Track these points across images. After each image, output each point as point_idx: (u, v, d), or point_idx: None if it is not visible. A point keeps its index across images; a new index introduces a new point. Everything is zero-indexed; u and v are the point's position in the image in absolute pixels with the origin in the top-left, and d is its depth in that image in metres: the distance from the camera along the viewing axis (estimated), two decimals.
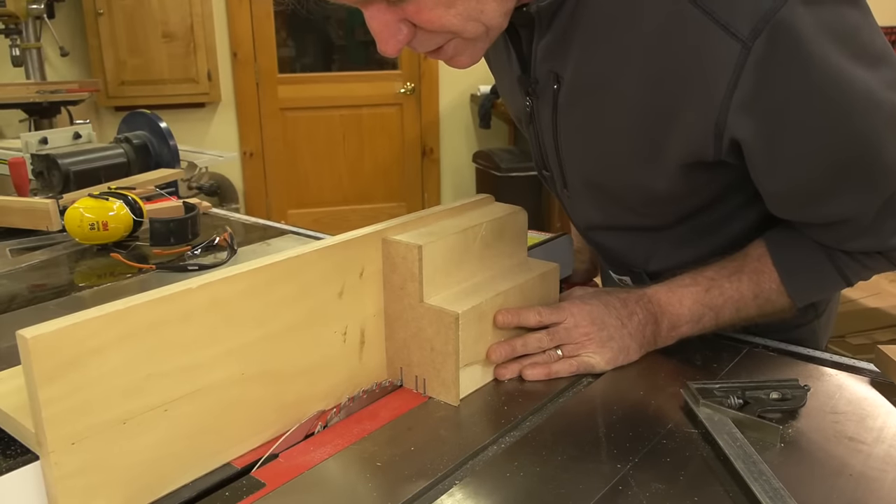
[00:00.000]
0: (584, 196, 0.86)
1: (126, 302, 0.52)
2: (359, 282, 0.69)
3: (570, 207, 0.92)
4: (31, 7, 2.88)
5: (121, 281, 1.05)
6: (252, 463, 0.60)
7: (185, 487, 0.57)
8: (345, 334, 0.69)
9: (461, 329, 0.67)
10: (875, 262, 0.76)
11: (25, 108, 2.71)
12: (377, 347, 0.72)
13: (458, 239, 0.72)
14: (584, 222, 0.92)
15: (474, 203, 0.81)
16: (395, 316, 0.71)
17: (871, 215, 0.70)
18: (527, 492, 0.56)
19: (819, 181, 0.69)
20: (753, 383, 0.68)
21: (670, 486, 0.56)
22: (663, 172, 0.74)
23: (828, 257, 0.75)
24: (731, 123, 0.65)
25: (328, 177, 4.12)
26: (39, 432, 0.49)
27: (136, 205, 1.21)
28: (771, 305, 0.77)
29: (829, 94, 0.63)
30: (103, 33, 3.48)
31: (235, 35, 3.77)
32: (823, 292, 0.78)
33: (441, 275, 0.70)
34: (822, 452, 0.61)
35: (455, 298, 0.70)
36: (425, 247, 0.68)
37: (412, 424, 0.65)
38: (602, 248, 0.95)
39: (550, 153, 0.85)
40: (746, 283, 0.76)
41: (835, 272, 0.76)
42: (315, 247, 0.65)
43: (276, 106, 3.94)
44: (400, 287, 0.70)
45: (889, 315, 2.27)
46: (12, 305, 0.97)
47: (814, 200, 0.71)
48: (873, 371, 0.75)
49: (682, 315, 0.76)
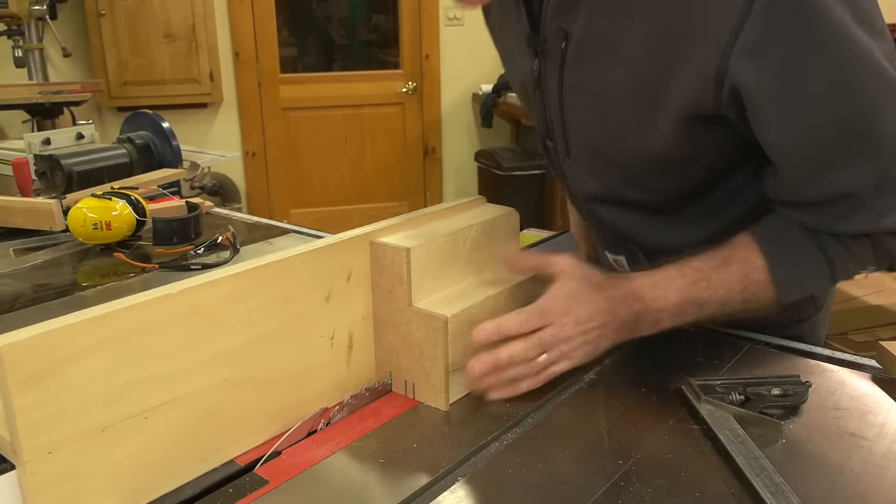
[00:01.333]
0: (586, 164, 0.86)
1: (102, 308, 0.51)
2: (346, 285, 0.68)
3: (570, 178, 0.91)
4: (34, 8, 2.88)
5: (124, 280, 1.05)
6: (255, 460, 0.60)
7: (189, 485, 0.57)
8: (332, 339, 0.67)
9: (450, 333, 0.66)
10: (862, 249, 0.74)
11: (28, 109, 2.71)
12: (366, 352, 0.71)
13: (448, 241, 0.71)
14: (584, 193, 0.91)
15: (466, 204, 0.80)
16: (384, 320, 0.70)
17: (869, 189, 0.70)
18: (529, 488, 0.56)
19: (820, 139, 0.68)
20: (755, 379, 0.68)
21: (672, 481, 0.57)
22: (661, 131, 0.74)
23: (816, 244, 0.74)
24: (732, 70, 0.65)
25: (330, 176, 4.12)
26: (15, 441, 0.48)
27: (139, 204, 1.21)
28: (756, 300, 0.75)
29: (833, 47, 0.63)
30: (105, 34, 3.49)
31: (237, 35, 3.77)
32: (808, 282, 0.76)
33: (430, 278, 0.69)
34: (823, 448, 0.62)
35: (444, 302, 0.69)
36: (413, 249, 0.67)
37: (415, 422, 0.66)
38: (600, 224, 0.94)
39: (555, 119, 0.84)
40: (734, 274, 0.74)
41: (822, 258, 0.74)
42: (300, 250, 0.63)
43: (278, 106, 3.95)
44: (388, 291, 0.69)
45: (891, 312, 2.27)
46: (16, 305, 0.97)
47: (815, 168, 0.70)
48: (875, 367, 0.75)
49: (666, 310, 0.74)
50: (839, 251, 0.74)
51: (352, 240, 0.67)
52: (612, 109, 0.77)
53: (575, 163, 0.87)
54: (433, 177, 4.28)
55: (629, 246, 0.91)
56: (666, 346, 0.78)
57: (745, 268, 0.74)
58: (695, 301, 0.74)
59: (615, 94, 0.75)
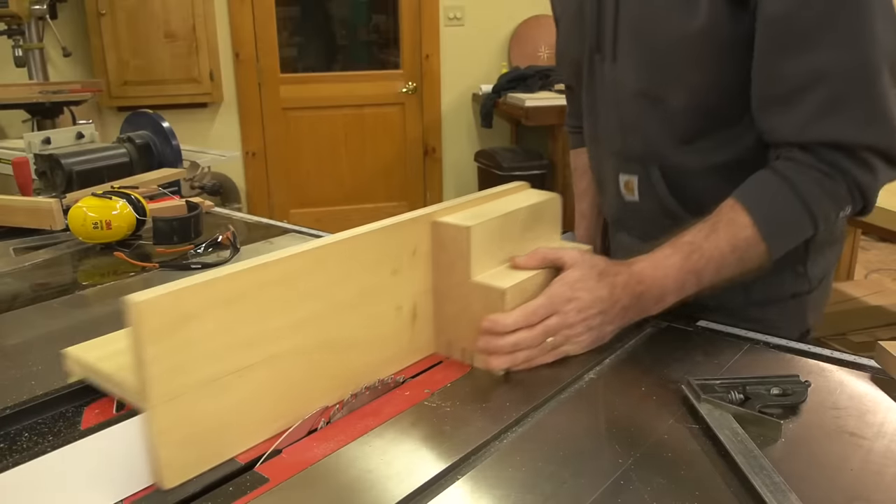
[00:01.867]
0: (631, 59, 0.91)
1: (211, 274, 0.58)
2: (411, 261, 0.74)
3: (611, 79, 0.95)
4: (34, 8, 2.88)
5: (124, 279, 1.05)
6: (256, 458, 0.60)
7: (190, 483, 0.57)
8: (399, 309, 0.74)
9: (507, 303, 0.72)
10: (836, 186, 0.80)
11: (28, 109, 2.71)
12: (426, 322, 0.78)
13: (502, 222, 0.77)
14: (626, 92, 0.95)
15: (513, 189, 0.87)
16: (444, 293, 0.77)
17: (843, 80, 0.76)
18: (529, 487, 0.56)
19: (811, 8, 0.75)
20: (754, 379, 0.69)
21: (671, 481, 0.57)
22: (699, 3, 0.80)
23: (793, 192, 0.80)
24: None
25: (330, 176, 4.12)
26: (143, 389, 0.54)
27: (139, 204, 1.22)
28: (748, 259, 0.80)
29: None
30: (106, 34, 3.49)
31: (237, 35, 3.78)
32: (793, 229, 0.82)
33: (486, 255, 0.76)
34: (822, 447, 0.62)
35: (500, 276, 0.75)
36: (473, 228, 0.73)
37: (415, 421, 0.66)
38: (631, 124, 0.97)
39: (608, 22, 0.91)
40: (723, 237, 0.79)
41: (799, 203, 0.80)
42: (373, 227, 0.70)
43: (279, 106, 3.95)
44: (449, 266, 0.75)
45: (891, 312, 2.27)
46: (15, 304, 0.97)
47: (800, 42, 0.77)
48: (874, 367, 0.75)
49: (668, 287, 0.79)
50: (814, 192, 0.80)
51: (416, 219, 0.74)
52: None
53: (620, 61, 0.92)
54: (433, 177, 4.28)
55: (649, 165, 0.95)
56: (665, 346, 0.78)
57: (733, 228, 0.79)
58: (692, 271, 0.79)
59: None
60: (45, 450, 0.59)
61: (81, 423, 0.63)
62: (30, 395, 0.68)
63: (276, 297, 0.62)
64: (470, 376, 0.74)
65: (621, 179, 1.00)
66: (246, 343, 0.60)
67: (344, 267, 0.67)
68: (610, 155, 1.01)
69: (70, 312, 0.94)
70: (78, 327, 0.89)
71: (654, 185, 0.95)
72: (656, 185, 0.95)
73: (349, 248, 0.68)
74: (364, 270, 0.69)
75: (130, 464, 0.58)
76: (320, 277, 0.65)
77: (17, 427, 0.61)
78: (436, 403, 0.69)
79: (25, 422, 0.63)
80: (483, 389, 0.71)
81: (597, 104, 1.01)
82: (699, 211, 0.83)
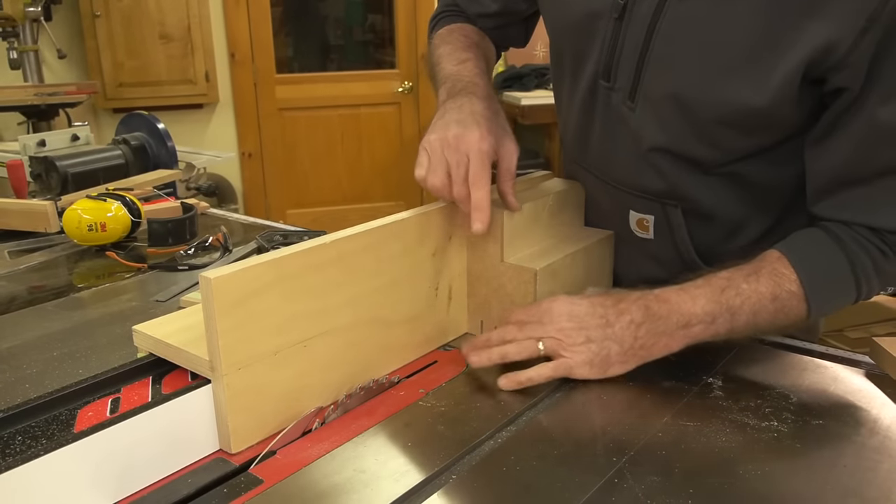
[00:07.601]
0: (654, 111, 0.79)
1: (276, 253, 0.63)
2: (448, 244, 0.80)
3: (620, 115, 0.83)
4: (28, 10, 2.87)
5: (119, 281, 1.05)
6: (250, 460, 0.60)
7: (184, 484, 0.57)
8: (437, 289, 0.80)
9: (538, 284, 0.76)
10: (891, 267, 0.74)
11: (23, 111, 2.71)
12: (461, 303, 0.84)
13: (531, 208, 0.83)
14: (642, 142, 0.82)
15: (539, 178, 0.94)
16: (477, 275, 0.82)
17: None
18: (523, 486, 0.56)
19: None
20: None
21: (665, 478, 0.57)
22: (768, 82, 0.70)
23: (847, 260, 0.73)
24: (886, 17, 0.62)
25: (327, 176, 4.12)
26: (214, 359, 0.60)
27: (134, 206, 1.21)
28: (786, 313, 0.72)
29: None
30: (101, 35, 3.48)
31: (233, 36, 3.77)
32: (837, 297, 0.75)
33: (517, 239, 0.81)
34: (816, 443, 0.62)
35: (531, 258, 0.80)
36: (507, 213, 0.78)
37: (409, 421, 0.66)
38: (649, 165, 0.84)
39: (629, 56, 0.78)
40: (765, 283, 0.72)
41: (850, 274, 0.73)
42: (416, 212, 0.76)
43: (275, 106, 3.94)
44: (483, 249, 0.81)
45: (887, 309, 2.28)
46: (11, 307, 0.97)
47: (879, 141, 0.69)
48: (868, 363, 0.76)
49: (695, 314, 0.71)
50: (867, 265, 0.73)
51: (453, 204, 0.78)
52: (720, 49, 0.71)
53: (639, 107, 0.80)
54: None
55: (668, 202, 0.85)
56: None
57: (777, 278, 0.72)
58: (726, 306, 0.71)
59: (730, 30, 0.70)
60: (38, 453, 0.59)
61: (75, 426, 0.63)
62: (24, 398, 0.68)
63: (332, 275, 0.67)
64: (464, 376, 0.74)
65: (632, 217, 0.89)
66: (305, 318, 0.65)
67: (390, 247, 0.72)
68: (611, 186, 0.89)
69: (65, 315, 0.94)
70: (73, 330, 0.89)
71: (672, 224, 0.86)
72: (674, 225, 0.86)
73: (395, 230, 0.73)
74: (406, 251, 0.74)
75: (125, 467, 0.58)
76: (369, 257, 0.70)
77: (11, 430, 0.60)
78: (430, 403, 0.69)
79: (19, 425, 0.62)
80: (477, 389, 0.71)
81: (593, 125, 0.87)
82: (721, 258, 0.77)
